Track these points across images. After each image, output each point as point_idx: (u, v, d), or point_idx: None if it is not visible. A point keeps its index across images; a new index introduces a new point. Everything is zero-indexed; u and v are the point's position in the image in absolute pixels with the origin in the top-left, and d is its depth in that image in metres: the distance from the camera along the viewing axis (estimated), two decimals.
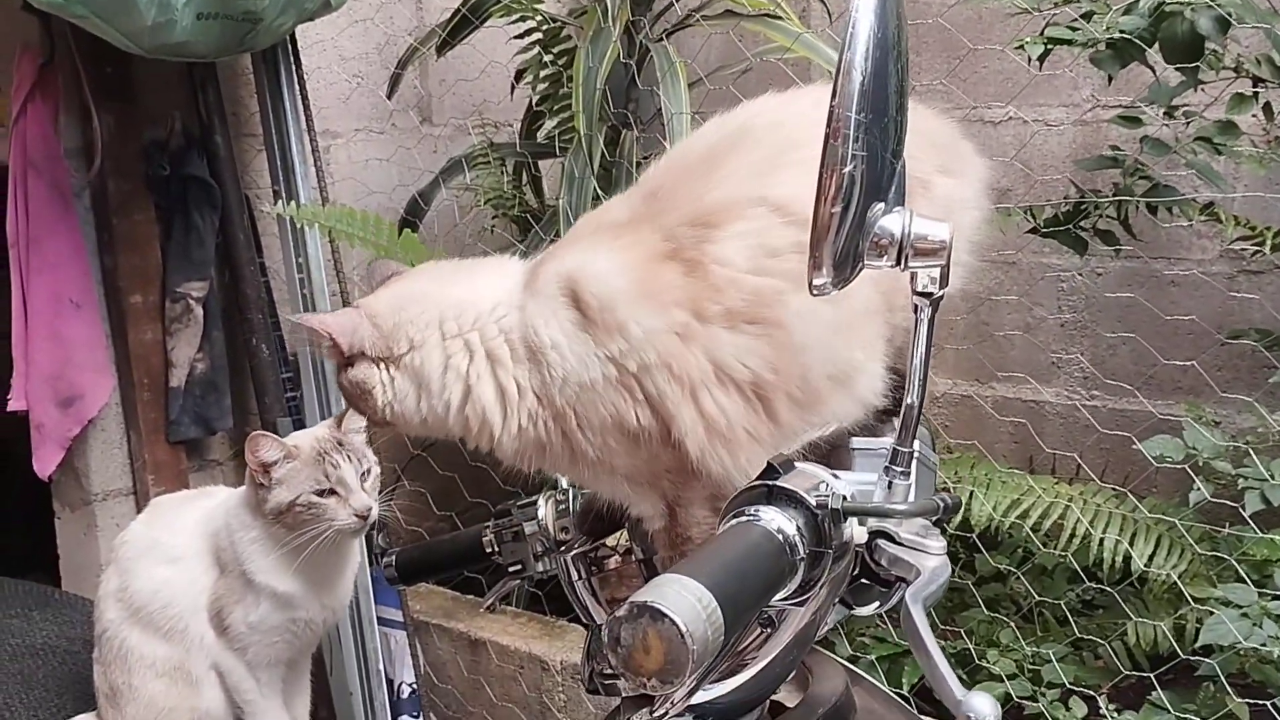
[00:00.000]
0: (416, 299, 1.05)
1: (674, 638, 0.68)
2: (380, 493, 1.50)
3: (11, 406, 2.16)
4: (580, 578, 1.23)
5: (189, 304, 2.24)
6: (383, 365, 1.02)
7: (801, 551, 0.81)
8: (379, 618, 2.36)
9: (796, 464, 0.87)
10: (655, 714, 1.05)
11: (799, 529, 0.81)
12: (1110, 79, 1.91)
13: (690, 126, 2.04)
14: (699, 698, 1.00)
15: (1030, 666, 2.02)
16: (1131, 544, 1.86)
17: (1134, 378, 2.54)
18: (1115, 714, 1.83)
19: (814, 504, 0.82)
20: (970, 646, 2.03)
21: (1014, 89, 2.66)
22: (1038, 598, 2.02)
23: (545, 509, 1.29)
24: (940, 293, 0.76)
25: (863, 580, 0.96)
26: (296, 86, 2.31)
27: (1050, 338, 2.71)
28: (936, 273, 0.75)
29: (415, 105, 2.84)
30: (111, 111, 2.15)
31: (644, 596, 0.69)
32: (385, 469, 2.43)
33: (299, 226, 2.24)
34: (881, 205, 0.73)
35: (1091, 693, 1.89)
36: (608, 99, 2.08)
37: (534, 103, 2.52)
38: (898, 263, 0.74)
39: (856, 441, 0.90)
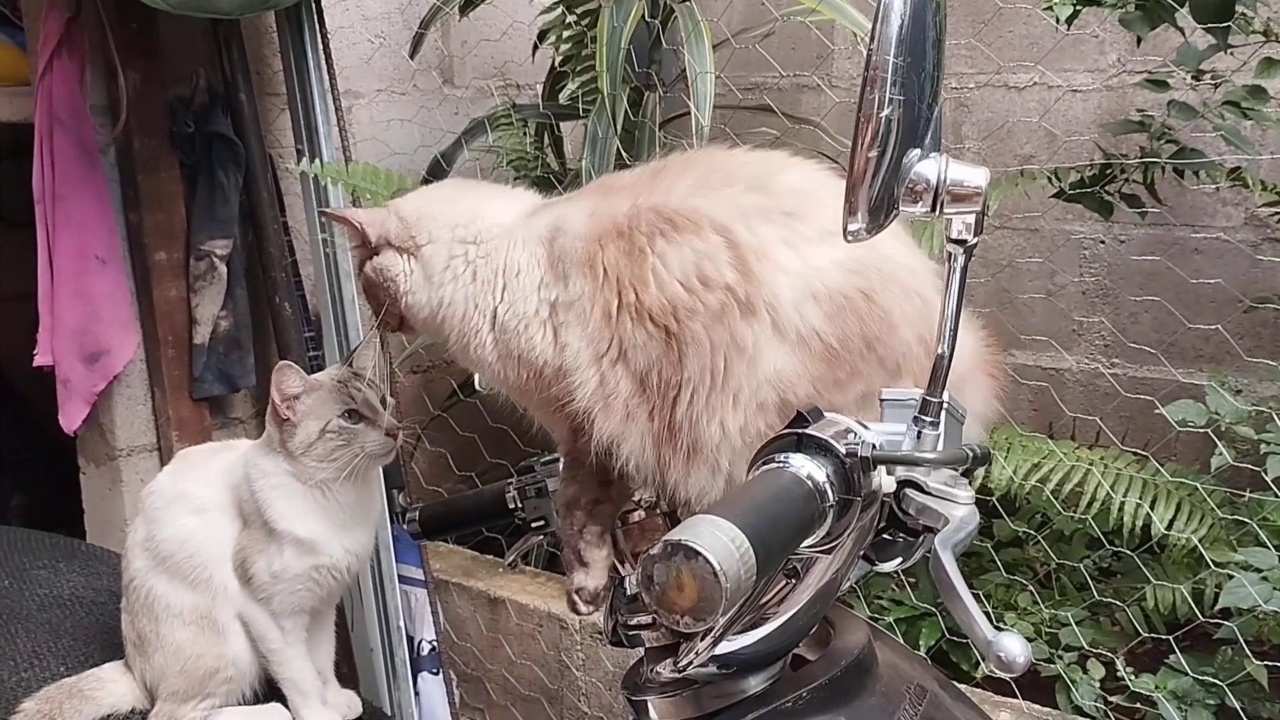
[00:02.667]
0: (440, 200, 1.15)
1: (707, 575, 0.69)
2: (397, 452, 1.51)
3: (38, 362, 2.18)
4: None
5: (213, 261, 2.26)
6: (405, 255, 1.11)
7: (831, 499, 0.82)
8: (400, 575, 2.38)
9: (826, 414, 0.88)
10: (680, 664, 1.06)
11: (828, 476, 0.82)
12: (1139, 40, 1.90)
13: (714, 87, 2.04)
14: (723, 648, 1.01)
15: (1048, 630, 2.03)
16: (1152, 508, 1.87)
17: (1156, 344, 2.53)
18: (1133, 677, 1.84)
19: (844, 452, 0.83)
20: (988, 610, 2.04)
21: (1039, 53, 2.64)
22: (1057, 561, 2.03)
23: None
24: (974, 240, 0.77)
25: (886, 535, 0.97)
26: (320, 45, 2.31)
27: (1071, 304, 2.70)
28: (972, 219, 0.75)
29: (437, 66, 2.84)
30: (137, 68, 2.16)
31: (677, 535, 0.70)
32: (406, 430, 2.46)
33: (322, 185, 2.24)
34: (918, 151, 0.74)
35: (1110, 655, 1.90)
36: (632, 59, 2.07)
37: (557, 63, 2.51)
38: (933, 209, 0.74)
39: (886, 392, 0.90)
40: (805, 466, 0.82)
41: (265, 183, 2.32)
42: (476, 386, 1.40)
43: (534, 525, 1.36)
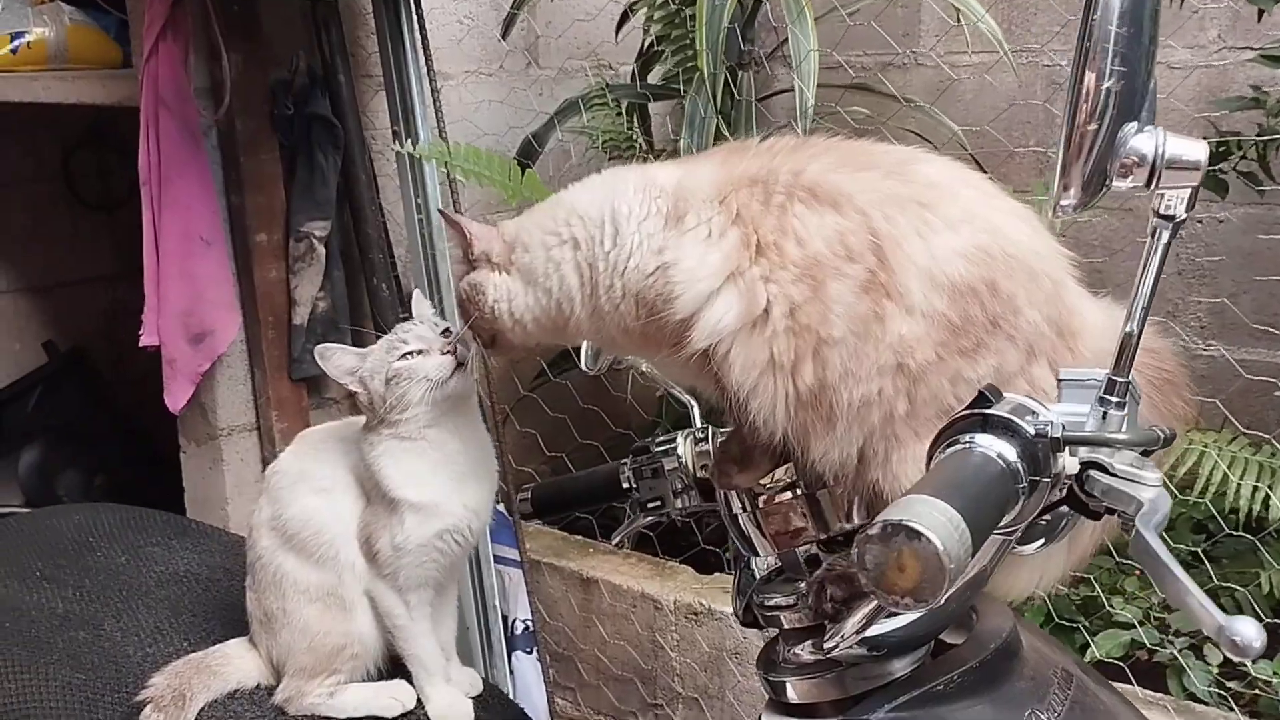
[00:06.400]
0: (535, 212, 1.16)
1: (930, 556, 0.68)
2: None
3: (144, 342, 2.21)
4: (745, 510, 1.22)
5: (312, 243, 2.28)
6: (499, 270, 1.13)
7: (1023, 479, 0.81)
8: (495, 555, 2.40)
9: (1005, 393, 0.86)
10: (827, 645, 1.05)
11: (1018, 457, 0.81)
12: (1261, 14, 1.85)
13: (819, 64, 2.02)
14: (874, 630, 1.01)
15: (1156, 615, 2.00)
16: (1271, 491, 1.83)
17: (1256, 325, 2.48)
18: (1250, 662, 1.81)
19: (1033, 432, 0.81)
20: (1095, 594, 2.02)
21: None
22: (1191, 544, 2.00)
23: (684, 446, 1.31)
24: (1185, 216, 0.75)
25: (1043, 518, 0.95)
26: (416, 27, 2.31)
27: (1166, 285, 2.66)
28: (1186, 195, 0.73)
29: (524, 47, 2.84)
30: (239, 50, 2.18)
31: (896, 516, 0.69)
32: (498, 411, 2.46)
33: (419, 167, 2.25)
34: (1134, 125, 0.72)
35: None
36: (736, 37, 2.06)
37: (652, 43, 2.50)
38: (1148, 183, 0.73)
39: (1065, 372, 0.89)
40: (994, 446, 0.81)
41: (363, 164, 2.34)
42: (582, 366, 1.40)
43: (650, 506, 1.36)
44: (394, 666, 1.52)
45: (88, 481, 3.51)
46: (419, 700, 1.49)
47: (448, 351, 1.40)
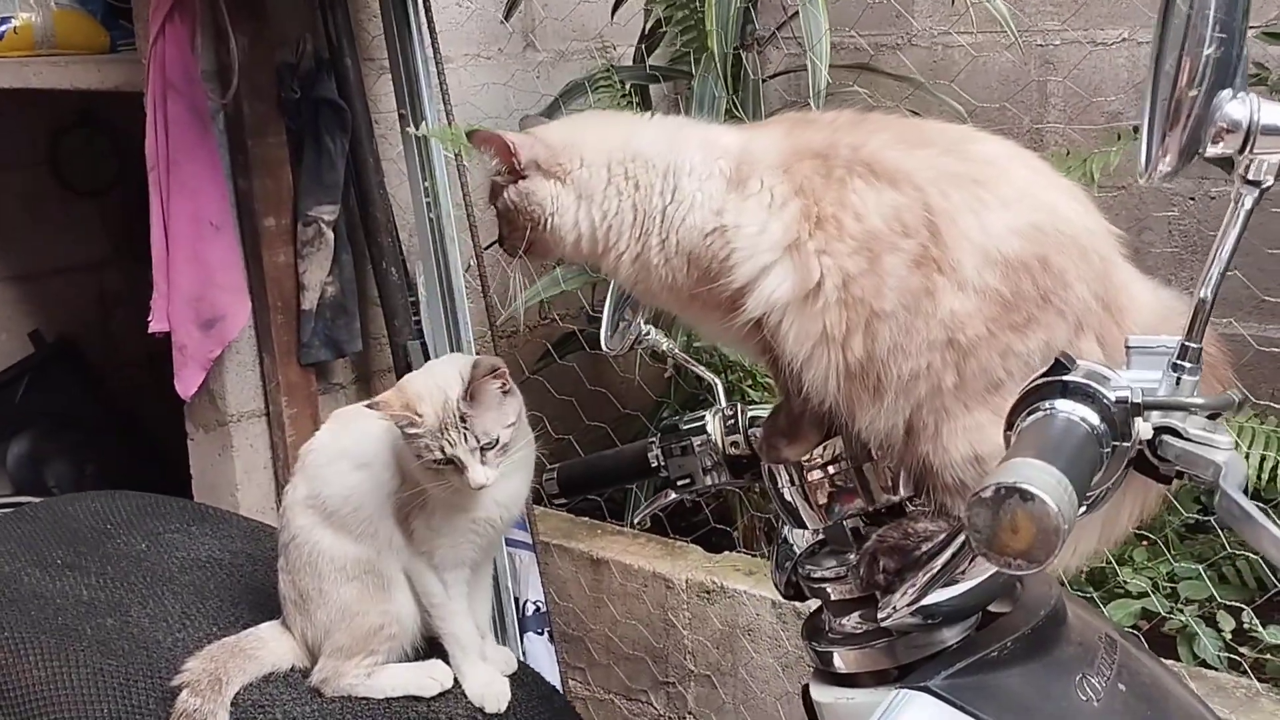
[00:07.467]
0: (587, 127, 1.16)
1: (1043, 517, 0.69)
2: None
3: (153, 328, 2.19)
4: (794, 483, 1.23)
5: (320, 227, 2.26)
6: (554, 179, 1.11)
7: (1107, 444, 0.82)
8: (505, 539, 2.40)
9: (1078, 360, 0.88)
10: (881, 615, 1.07)
11: (1100, 421, 0.82)
12: None
13: (829, 45, 2.03)
14: (928, 600, 1.02)
15: (1164, 584, 2.04)
16: None
17: (1245, 300, 2.52)
18: (1261, 628, 1.85)
19: (1113, 398, 0.83)
20: (1103, 565, 2.05)
21: (1127, 10, 2.63)
22: (1186, 515, 2.03)
23: (714, 424, 1.32)
24: (1271, 183, 0.77)
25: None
26: (421, 9, 2.30)
27: (1160, 262, 2.69)
28: (1276, 160, 0.75)
29: (523, 31, 2.83)
30: (246, 33, 2.16)
31: (1008, 479, 0.71)
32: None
33: (427, 150, 2.24)
34: (1229, 91, 0.74)
35: (1238, 606, 1.91)
36: (752, 17, 2.07)
37: (656, 24, 2.50)
38: (1241, 150, 0.74)
39: (1133, 339, 0.90)
40: (1077, 410, 0.82)
41: (370, 148, 2.33)
42: (603, 346, 1.41)
43: (680, 484, 1.37)
44: (430, 648, 1.52)
45: (78, 471, 3.48)
46: (455, 680, 1.50)
47: (482, 486, 1.39)
